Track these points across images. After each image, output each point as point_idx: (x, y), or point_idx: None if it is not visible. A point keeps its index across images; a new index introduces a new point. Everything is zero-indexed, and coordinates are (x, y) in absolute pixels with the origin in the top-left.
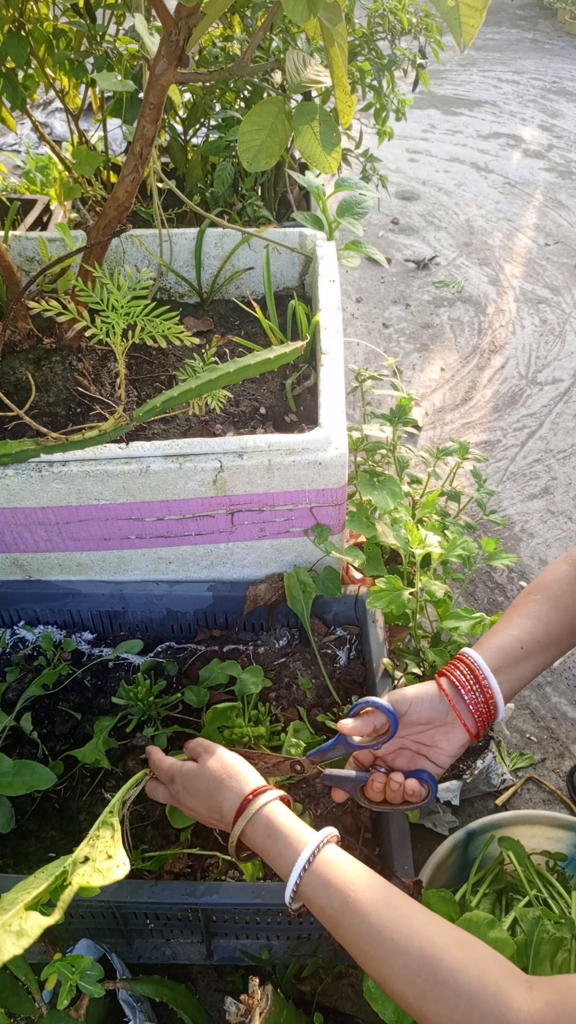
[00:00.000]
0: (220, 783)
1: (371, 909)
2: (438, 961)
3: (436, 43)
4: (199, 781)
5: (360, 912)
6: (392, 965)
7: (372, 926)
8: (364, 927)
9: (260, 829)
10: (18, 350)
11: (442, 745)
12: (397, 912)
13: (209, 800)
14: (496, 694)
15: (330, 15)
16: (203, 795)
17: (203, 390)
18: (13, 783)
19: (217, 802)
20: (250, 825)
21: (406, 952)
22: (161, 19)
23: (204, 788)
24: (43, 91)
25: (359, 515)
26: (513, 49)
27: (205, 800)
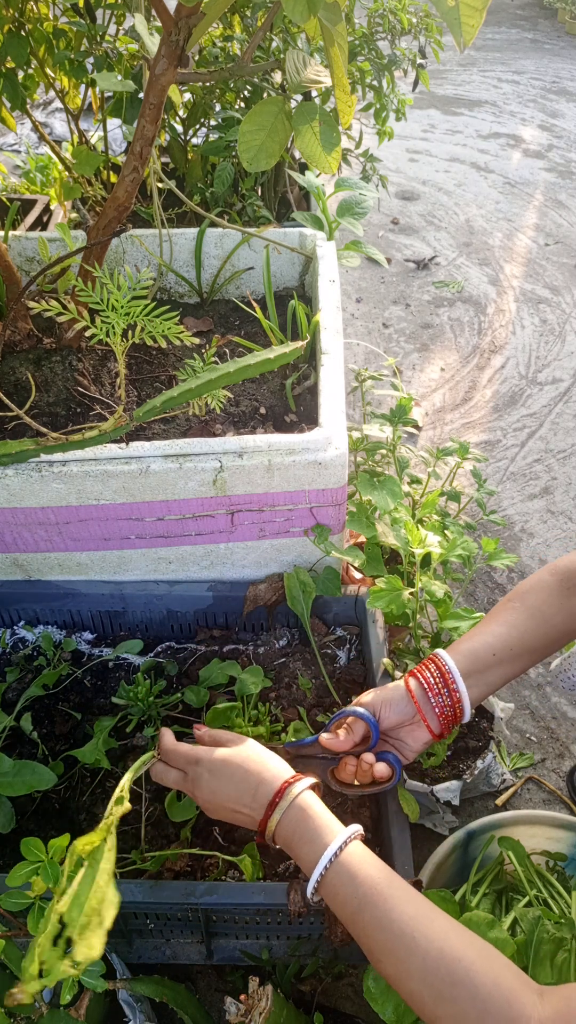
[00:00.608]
0: (255, 770)
1: (395, 905)
2: (456, 963)
3: (436, 43)
4: (229, 767)
5: (384, 907)
6: (411, 963)
7: (395, 922)
8: (387, 922)
9: (291, 817)
10: (18, 350)
11: (408, 742)
12: (420, 912)
13: (242, 784)
14: (464, 698)
15: (330, 15)
16: (235, 780)
17: (203, 390)
18: (13, 783)
19: (251, 787)
20: (285, 814)
21: (426, 951)
22: (161, 19)
23: (238, 773)
24: (43, 91)
25: (359, 515)
26: (513, 49)
27: (237, 784)
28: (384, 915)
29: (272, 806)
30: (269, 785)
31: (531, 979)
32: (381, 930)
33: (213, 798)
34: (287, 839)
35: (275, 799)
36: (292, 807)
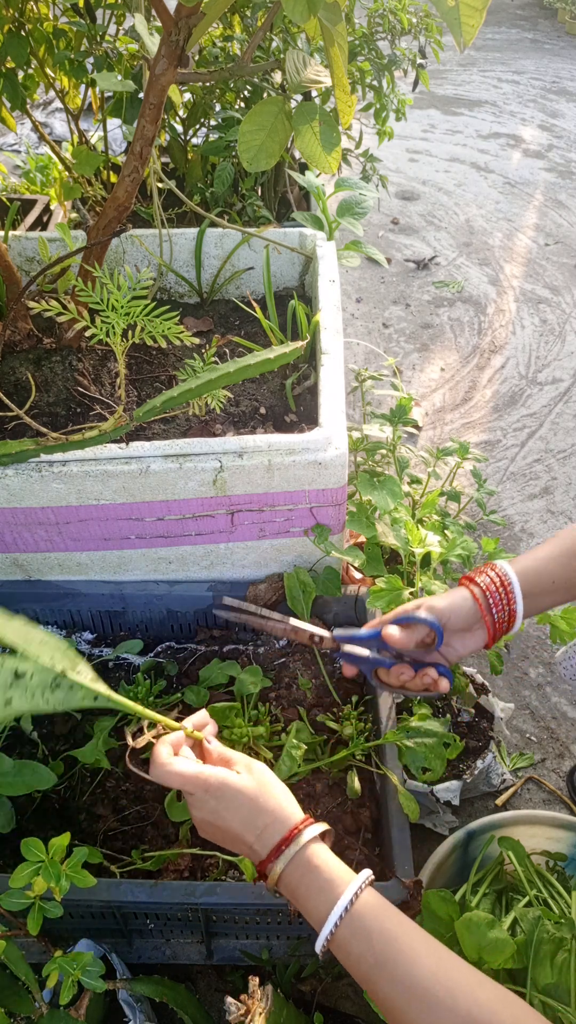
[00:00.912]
0: (267, 807)
1: (415, 959)
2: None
3: (436, 43)
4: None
5: (404, 964)
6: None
7: (415, 978)
8: (408, 980)
9: (298, 864)
10: (18, 350)
11: (456, 647)
12: (441, 966)
13: (249, 818)
14: (518, 615)
15: (330, 15)
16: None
17: (203, 390)
18: (13, 783)
19: (259, 824)
20: (291, 861)
21: (452, 1010)
22: (161, 19)
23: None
24: (43, 91)
25: (359, 515)
26: (513, 49)
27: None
28: (405, 971)
29: (278, 852)
30: (279, 826)
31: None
32: (401, 987)
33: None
34: (292, 888)
35: (281, 845)
36: (299, 855)
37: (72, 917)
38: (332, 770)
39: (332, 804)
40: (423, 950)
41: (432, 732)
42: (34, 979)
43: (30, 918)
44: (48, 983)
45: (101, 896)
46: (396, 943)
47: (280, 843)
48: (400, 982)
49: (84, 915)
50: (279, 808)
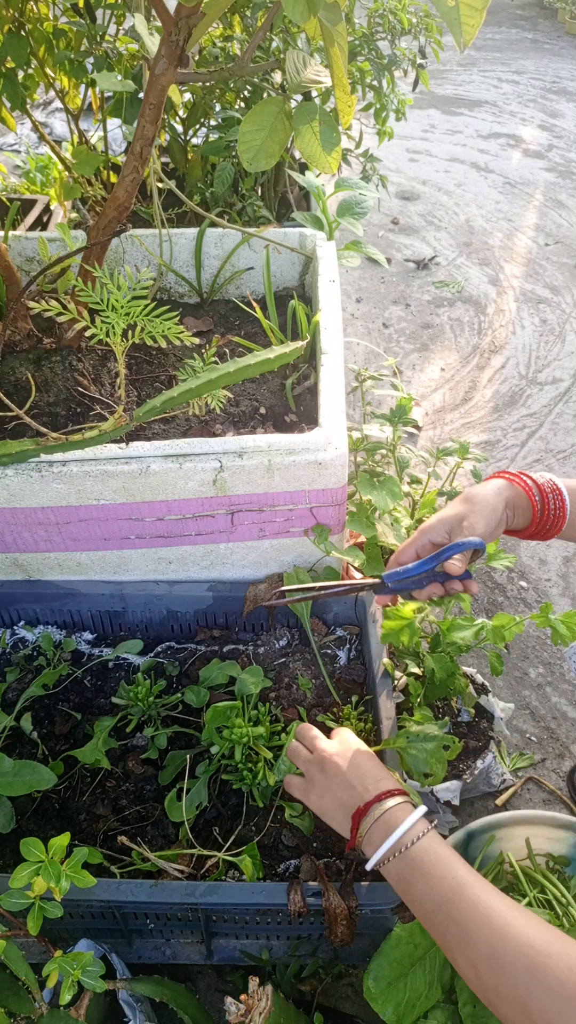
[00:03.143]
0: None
1: (480, 896)
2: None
3: (436, 43)
4: (338, 765)
5: (481, 886)
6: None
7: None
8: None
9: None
10: (18, 350)
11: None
12: (504, 903)
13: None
14: (568, 514)
15: (330, 15)
16: (343, 779)
17: (203, 390)
18: (13, 783)
19: (358, 784)
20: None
21: (517, 937)
22: (161, 19)
23: (353, 768)
24: (43, 91)
25: (359, 515)
26: (513, 49)
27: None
28: (480, 895)
29: (388, 795)
30: (386, 783)
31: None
32: (475, 907)
33: (323, 800)
34: (374, 844)
35: (384, 796)
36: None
37: (72, 917)
38: None
39: None
40: (489, 888)
41: (431, 736)
42: (34, 979)
43: (30, 918)
44: (48, 983)
45: (101, 896)
46: (465, 880)
47: (384, 794)
48: (468, 914)
49: (84, 915)
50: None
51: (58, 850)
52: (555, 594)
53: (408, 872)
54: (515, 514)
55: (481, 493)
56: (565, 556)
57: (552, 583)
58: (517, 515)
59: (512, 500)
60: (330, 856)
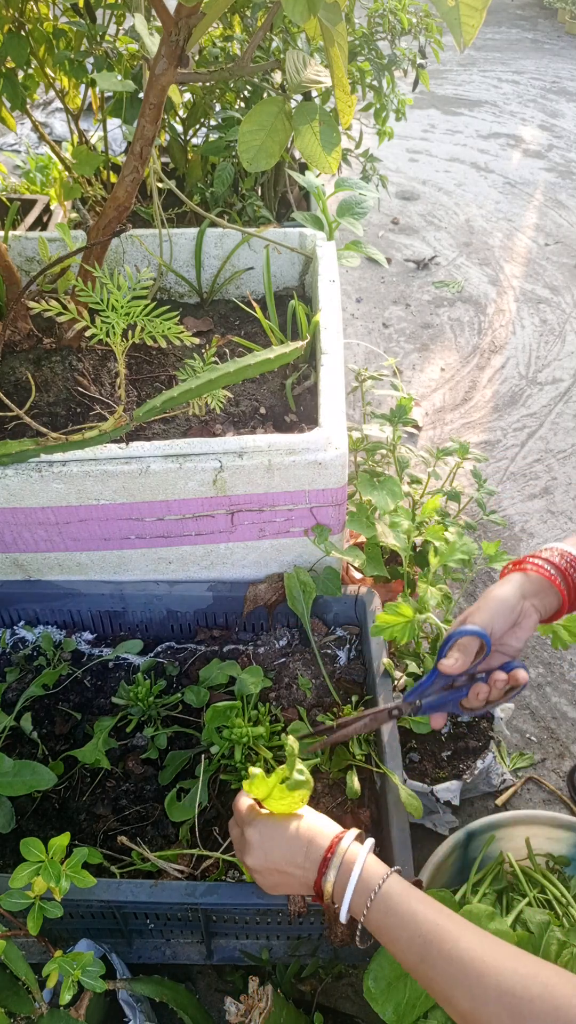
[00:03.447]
0: (306, 831)
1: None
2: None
3: (436, 43)
4: (280, 828)
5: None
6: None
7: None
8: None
9: (343, 875)
10: (18, 350)
11: (511, 643)
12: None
13: (294, 844)
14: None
15: (330, 15)
16: (286, 840)
17: (203, 390)
18: (13, 783)
19: (302, 846)
20: (339, 870)
21: (499, 972)
22: (161, 19)
23: (289, 834)
24: (43, 91)
25: (359, 515)
26: (513, 49)
27: (289, 844)
28: (452, 947)
29: (325, 863)
30: (321, 841)
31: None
32: (450, 961)
33: (264, 861)
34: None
35: (327, 855)
36: (344, 864)
37: (72, 917)
38: (332, 770)
39: (332, 804)
40: (468, 927)
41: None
42: (34, 979)
43: (30, 918)
44: (48, 983)
45: (101, 896)
46: (441, 922)
47: (325, 854)
48: (449, 956)
49: (84, 915)
50: (318, 830)
51: (58, 850)
52: None
53: (382, 922)
54: (542, 602)
55: (492, 590)
56: None
57: None
58: (544, 601)
59: (531, 590)
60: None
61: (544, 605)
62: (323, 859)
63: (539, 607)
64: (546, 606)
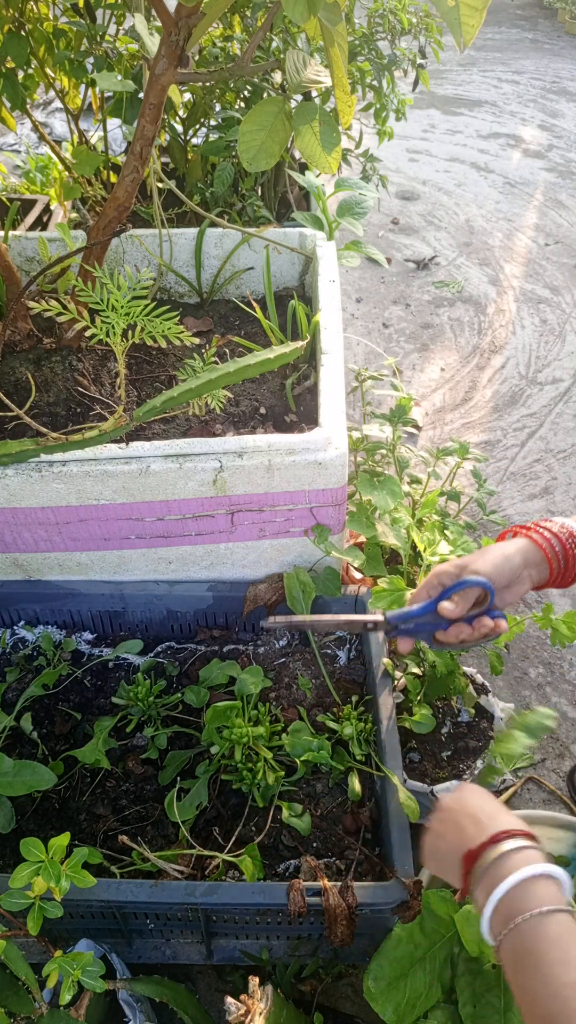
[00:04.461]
0: (474, 813)
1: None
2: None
3: (436, 43)
4: (452, 812)
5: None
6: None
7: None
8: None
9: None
10: (18, 350)
11: (504, 597)
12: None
13: (466, 828)
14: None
15: (330, 15)
16: (459, 824)
17: (203, 390)
18: (13, 783)
19: (469, 833)
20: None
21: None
22: (161, 19)
23: (461, 817)
24: (43, 91)
25: (359, 515)
26: (513, 49)
27: (463, 828)
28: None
29: (505, 834)
30: (510, 820)
31: None
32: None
33: (457, 802)
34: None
35: (510, 832)
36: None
37: (72, 917)
38: (332, 771)
39: (332, 804)
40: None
41: None
42: (34, 979)
43: (30, 918)
44: (48, 983)
45: (101, 896)
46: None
47: (506, 831)
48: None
49: (84, 915)
50: (487, 815)
51: (58, 850)
52: (555, 594)
53: (519, 956)
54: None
55: (497, 544)
56: None
57: None
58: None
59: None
60: (330, 856)
61: (538, 576)
62: (505, 831)
63: (534, 577)
64: (539, 577)
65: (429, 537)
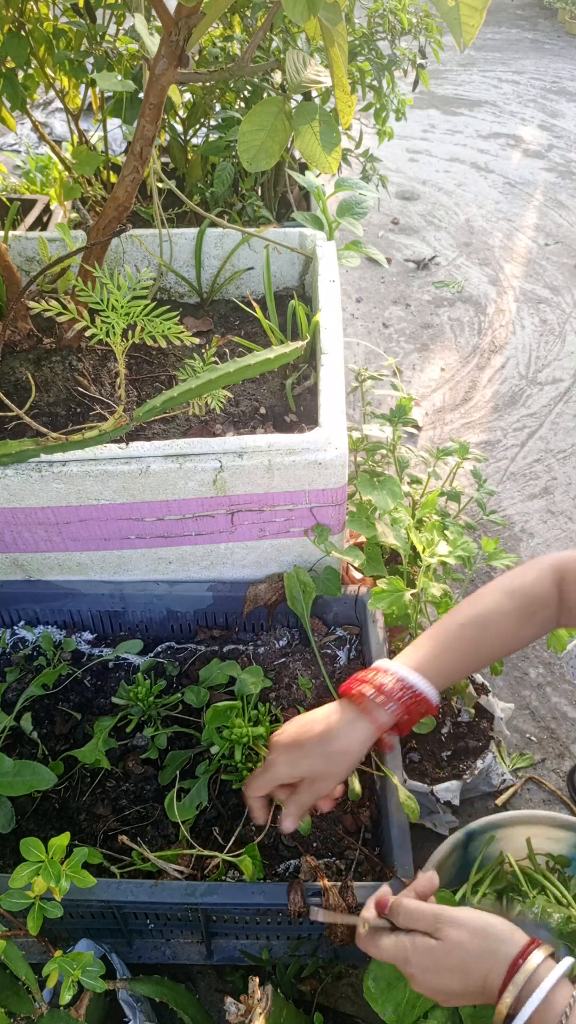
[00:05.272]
0: (479, 955)
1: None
2: None
3: (436, 43)
4: (450, 959)
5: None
6: None
7: None
8: None
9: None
10: (18, 350)
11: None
12: None
13: (468, 979)
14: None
15: (330, 15)
16: (458, 973)
17: (203, 390)
18: (13, 783)
19: (478, 979)
20: (523, 992)
21: None
22: (161, 19)
23: (459, 965)
24: (43, 91)
25: (359, 515)
26: (513, 49)
27: (463, 979)
28: None
29: (503, 988)
30: (500, 968)
31: None
32: None
33: (439, 993)
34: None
35: (506, 981)
36: (530, 985)
37: (72, 917)
38: None
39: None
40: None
41: None
42: (34, 979)
43: (30, 918)
44: (48, 983)
45: (101, 896)
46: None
47: (505, 981)
48: None
49: (84, 915)
50: (493, 950)
51: (58, 850)
52: None
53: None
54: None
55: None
56: None
57: None
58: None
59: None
60: (330, 856)
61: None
62: (503, 984)
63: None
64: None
65: (429, 537)
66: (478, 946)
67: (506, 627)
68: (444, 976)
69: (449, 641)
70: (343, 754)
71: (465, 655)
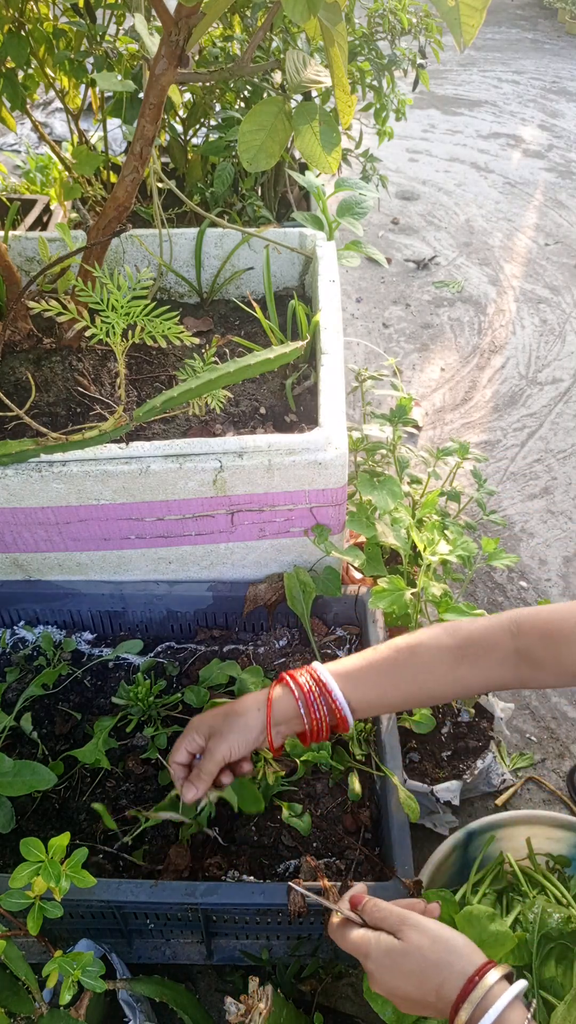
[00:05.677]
0: (436, 963)
1: None
2: None
3: (436, 43)
4: (408, 961)
5: None
6: None
7: None
8: None
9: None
10: (18, 350)
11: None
12: None
13: (422, 983)
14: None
15: (330, 15)
16: (414, 977)
17: (203, 390)
18: (13, 783)
19: (434, 985)
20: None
21: None
22: (161, 19)
23: (416, 969)
24: (43, 91)
25: (359, 515)
26: (513, 49)
27: (418, 981)
28: None
29: (458, 1005)
30: (455, 981)
31: None
32: None
33: (394, 995)
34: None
35: (460, 998)
36: (483, 1006)
37: (72, 917)
38: (332, 771)
39: (332, 804)
40: None
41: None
42: (34, 979)
43: (30, 918)
44: (48, 983)
45: (101, 896)
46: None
47: (458, 999)
48: None
49: (84, 915)
50: (450, 962)
51: (58, 850)
52: (555, 594)
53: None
54: (288, 725)
55: (240, 712)
56: (565, 556)
57: (552, 583)
58: (290, 724)
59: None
60: (330, 856)
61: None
62: (456, 1000)
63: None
64: (293, 727)
65: (429, 537)
66: (437, 955)
67: (438, 661)
68: (399, 978)
69: (377, 660)
70: (238, 716)
71: (388, 676)
